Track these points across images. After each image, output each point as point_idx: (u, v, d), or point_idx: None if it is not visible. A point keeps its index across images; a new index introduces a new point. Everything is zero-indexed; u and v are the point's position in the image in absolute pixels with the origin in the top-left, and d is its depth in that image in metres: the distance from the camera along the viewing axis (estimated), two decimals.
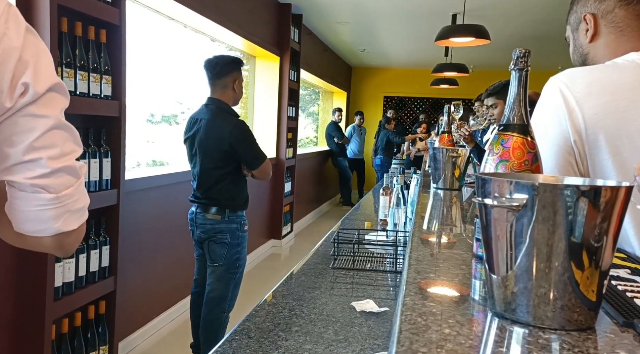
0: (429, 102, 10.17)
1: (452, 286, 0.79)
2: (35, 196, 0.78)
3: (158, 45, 3.90)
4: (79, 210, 0.81)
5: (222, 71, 2.55)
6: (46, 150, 0.78)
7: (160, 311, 3.31)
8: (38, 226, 0.79)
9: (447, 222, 1.47)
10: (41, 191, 0.78)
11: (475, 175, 0.67)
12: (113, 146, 2.39)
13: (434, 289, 0.75)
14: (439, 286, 0.78)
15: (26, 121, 0.78)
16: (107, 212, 2.40)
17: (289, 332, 1.31)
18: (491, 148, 0.93)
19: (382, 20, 5.95)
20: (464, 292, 0.77)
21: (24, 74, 0.74)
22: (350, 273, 1.88)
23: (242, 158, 2.56)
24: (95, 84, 2.22)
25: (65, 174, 0.79)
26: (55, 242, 0.81)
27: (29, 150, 0.78)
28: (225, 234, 2.56)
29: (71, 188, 0.80)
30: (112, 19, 2.31)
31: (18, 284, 2.04)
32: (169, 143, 4.33)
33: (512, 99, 0.90)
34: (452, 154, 2.08)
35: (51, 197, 0.79)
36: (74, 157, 0.81)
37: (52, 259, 2.04)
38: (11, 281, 2.02)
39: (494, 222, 0.64)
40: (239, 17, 4.31)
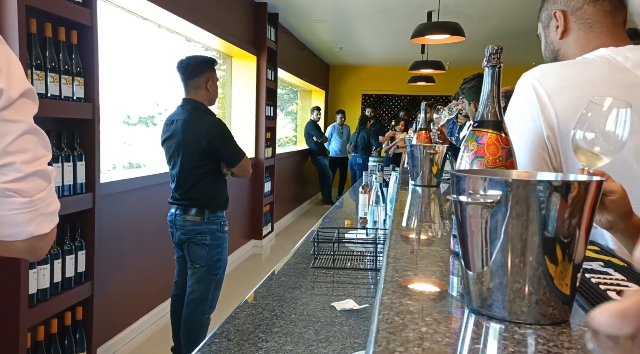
0: (407, 100, 10.24)
1: (429, 283, 0.80)
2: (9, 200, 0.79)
3: (132, 46, 3.84)
4: (50, 213, 0.83)
5: (195, 72, 2.53)
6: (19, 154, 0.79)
7: (140, 314, 3.27)
8: (11, 230, 0.80)
9: (426, 219, 1.48)
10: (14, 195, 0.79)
11: (450, 172, 0.67)
12: (87, 149, 2.34)
13: (412, 287, 0.75)
14: (416, 283, 0.78)
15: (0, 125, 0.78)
16: (83, 216, 2.36)
17: (270, 333, 1.30)
18: (466, 145, 0.94)
19: (359, 19, 5.97)
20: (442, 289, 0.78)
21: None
22: (330, 272, 1.88)
23: (220, 156, 2.55)
24: (67, 86, 2.17)
25: (37, 178, 0.81)
26: (28, 246, 0.81)
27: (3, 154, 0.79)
28: (205, 235, 2.54)
29: (43, 192, 0.82)
30: (83, 20, 2.26)
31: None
32: (146, 145, 4.27)
33: (486, 95, 0.91)
34: (430, 151, 2.09)
35: (25, 201, 0.80)
36: (45, 161, 0.82)
37: (25, 265, 1.99)
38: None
39: (468, 219, 0.64)
40: (214, 17, 4.27)
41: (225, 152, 2.54)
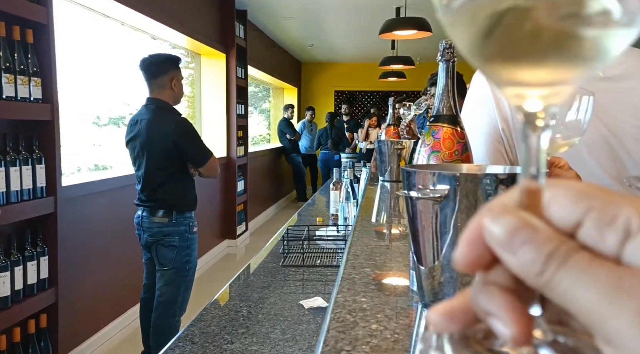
0: (379, 95, 10.29)
1: (386, 279, 0.79)
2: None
3: (97, 45, 3.75)
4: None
5: (158, 70, 2.47)
6: None
7: (109, 320, 3.19)
8: None
9: (392, 215, 1.48)
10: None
11: (402, 168, 0.67)
12: (47, 151, 2.27)
13: (368, 284, 0.75)
14: (373, 280, 0.78)
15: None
16: (44, 221, 2.28)
17: (235, 334, 1.28)
18: (423, 139, 0.94)
19: (329, 15, 5.96)
20: (398, 284, 0.77)
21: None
22: (300, 270, 1.87)
23: (187, 156, 2.51)
24: (23, 87, 2.10)
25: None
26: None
27: None
28: (173, 237, 2.50)
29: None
30: (39, 18, 2.19)
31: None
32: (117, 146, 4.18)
33: (441, 90, 0.91)
34: (397, 146, 2.10)
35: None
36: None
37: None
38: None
39: (419, 214, 0.64)
40: (180, 14, 4.19)
41: (191, 152, 2.50)
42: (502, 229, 0.20)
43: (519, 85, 0.22)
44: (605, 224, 0.19)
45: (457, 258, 0.21)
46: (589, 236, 0.19)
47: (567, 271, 0.18)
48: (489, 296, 0.20)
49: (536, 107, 0.22)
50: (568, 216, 0.19)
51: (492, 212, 0.21)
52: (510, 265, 0.20)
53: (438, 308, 0.22)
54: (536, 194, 0.21)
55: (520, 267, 0.19)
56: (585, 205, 0.19)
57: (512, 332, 0.20)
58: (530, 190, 0.21)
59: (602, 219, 0.19)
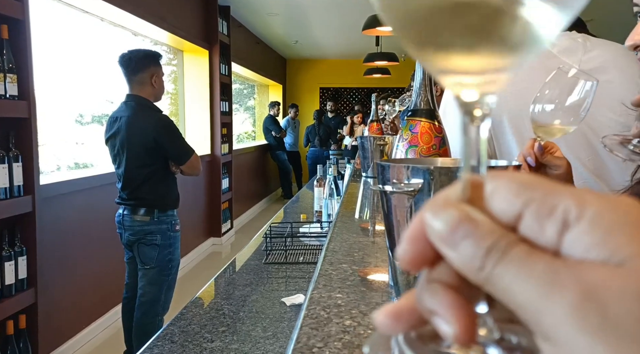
0: (364, 92, 10.31)
1: (364, 275, 0.79)
2: None
3: (77, 42, 3.68)
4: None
5: (138, 67, 2.44)
6: None
7: (90, 320, 3.15)
8: None
9: (372, 211, 1.48)
10: None
11: (377, 162, 0.66)
12: (24, 149, 2.23)
13: (345, 280, 0.74)
14: (350, 275, 0.77)
15: None
16: (22, 220, 2.24)
17: (215, 333, 1.27)
18: (401, 134, 0.93)
19: (312, 11, 5.94)
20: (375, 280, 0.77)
21: None
22: (283, 267, 1.86)
23: (168, 153, 2.48)
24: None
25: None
26: None
27: None
28: (155, 236, 2.47)
29: None
30: (15, 14, 2.14)
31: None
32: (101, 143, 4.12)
33: (418, 84, 0.91)
34: (379, 142, 2.10)
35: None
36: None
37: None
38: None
39: (394, 208, 0.63)
40: (161, 10, 4.14)
41: (173, 149, 2.47)
42: (443, 224, 0.19)
43: (452, 73, 0.21)
44: (544, 216, 0.18)
45: (400, 256, 0.20)
46: (529, 228, 0.18)
47: (506, 265, 0.18)
48: (433, 294, 0.20)
49: (472, 96, 0.22)
50: (509, 208, 0.19)
51: (433, 206, 0.20)
52: (452, 261, 0.19)
53: (384, 309, 0.21)
54: (478, 186, 0.20)
55: (461, 262, 0.19)
56: (526, 197, 0.19)
57: (455, 331, 0.19)
58: (472, 183, 0.20)
59: (541, 211, 0.18)
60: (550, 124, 0.81)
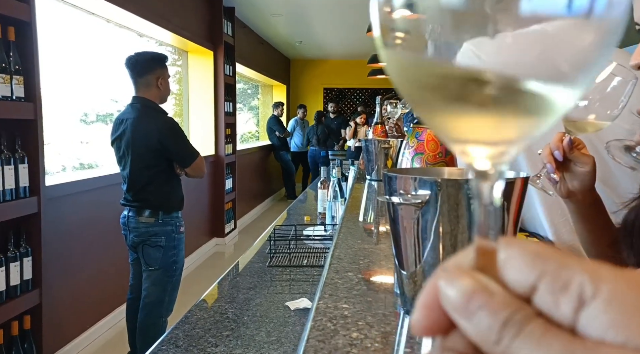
0: (368, 93, 10.30)
1: (370, 284, 0.79)
2: None
3: (82, 43, 3.69)
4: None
5: (144, 69, 2.44)
6: None
7: (94, 321, 3.16)
8: None
9: (377, 216, 1.48)
10: None
11: (383, 172, 0.66)
12: (30, 150, 2.23)
13: (351, 289, 0.74)
14: (356, 284, 0.77)
15: None
16: (27, 221, 2.25)
17: (220, 337, 1.27)
18: (407, 142, 0.93)
19: (316, 12, 5.94)
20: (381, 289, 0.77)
21: None
22: (287, 270, 1.86)
23: (173, 156, 2.49)
24: (4, 86, 2.06)
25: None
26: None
27: None
28: (160, 237, 2.47)
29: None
30: (21, 16, 2.15)
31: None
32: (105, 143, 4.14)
33: None
34: (384, 145, 2.09)
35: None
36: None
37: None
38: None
39: (401, 219, 0.63)
40: (166, 11, 4.15)
41: (177, 151, 2.48)
42: (458, 293, 0.19)
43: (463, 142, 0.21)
44: (559, 291, 0.18)
45: (414, 323, 0.20)
46: (544, 302, 0.18)
47: (523, 341, 0.17)
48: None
49: (484, 166, 0.21)
50: (523, 279, 0.19)
51: (447, 273, 0.20)
52: (467, 331, 0.19)
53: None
54: (491, 254, 0.20)
55: (476, 334, 0.18)
56: (540, 269, 0.18)
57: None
58: (485, 250, 0.20)
59: (555, 285, 0.18)
60: (583, 119, 0.79)
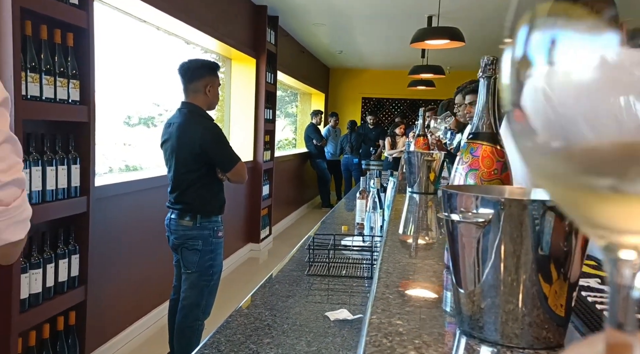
0: (407, 103, 10.23)
1: (421, 300, 0.78)
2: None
3: (131, 48, 3.83)
4: (24, 220, 0.83)
5: (194, 76, 2.50)
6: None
7: (134, 319, 3.24)
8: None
9: (421, 229, 1.46)
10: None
11: (442, 189, 0.65)
12: (82, 152, 2.32)
13: (403, 305, 0.73)
14: (408, 300, 0.76)
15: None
16: (77, 220, 2.33)
17: (261, 344, 1.28)
18: (460, 157, 0.92)
19: (358, 22, 5.96)
20: (434, 307, 0.76)
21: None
22: (325, 280, 1.86)
23: (214, 160, 2.51)
24: (62, 89, 2.15)
25: (13, 186, 0.81)
26: (1, 252, 0.82)
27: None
28: (197, 241, 2.50)
29: (18, 199, 0.83)
30: (79, 22, 2.24)
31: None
32: (147, 146, 4.25)
33: (481, 107, 0.89)
34: (427, 157, 2.07)
35: (1, 209, 0.80)
36: (20, 169, 0.83)
37: (17, 270, 1.97)
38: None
39: (460, 237, 0.62)
40: (213, 20, 4.25)
41: (218, 157, 2.50)
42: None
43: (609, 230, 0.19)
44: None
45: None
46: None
47: None
48: None
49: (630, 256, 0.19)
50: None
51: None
52: None
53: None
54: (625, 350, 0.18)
55: None
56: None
57: None
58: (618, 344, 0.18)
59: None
60: None
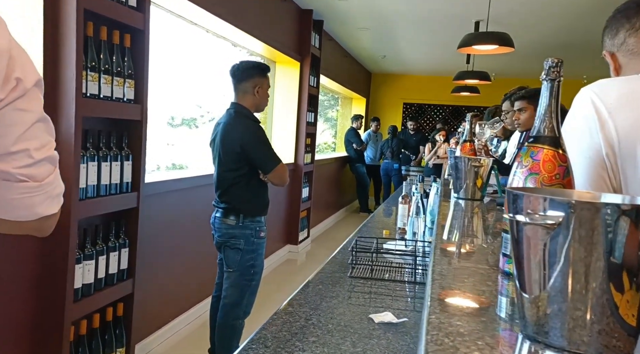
0: (449, 110, 10.08)
1: (479, 303, 0.77)
2: (21, 185, 0.86)
3: (180, 50, 3.94)
4: (57, 195, 0.90)
5: (243, 76, 2.54)
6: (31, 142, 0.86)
7: (176, 314, 3.32)
8: (23, 211, 0.88)
9: (470, 234, 1.44)
10: (26, 180, 0.86)
11: (507, 189, 0.65)
12: (134, 149, 2.41)
13: (460, 306, 0.73)
14: (464, 302, 0.75)
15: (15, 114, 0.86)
16: (127, 214, 2.42)
17: (306, 342, 1.29)
18: (520, 160, 0.90)
19: (403, 27, 5.93)
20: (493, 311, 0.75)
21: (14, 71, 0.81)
22: (368, 283, 1.85)
23: (253, 161, 2.52)
24: (118, 88, 2.24)
25: (47, 163, 0.88)
26: (37, 225, 0.90)
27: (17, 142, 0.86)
28: (239, 240, 2.53)
29: (51, 176, 0.89)
30: (137, 24, 2.33)
31: (39, 284, 2.06)
32: (189, 146, 4.36)
33: (543, 110, 0.87)
34: (475, 163, 2.04)
35: (36, 185, 0.87)
36: (52, 147, 0.89)
37: (72, 260, 2.06)
38: (33, 281, 2.04)
39: (526, 239, 0.61)
40: (260, 23, 4.33)
41: (258, 157, 2.51)
42: None
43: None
44: None
45: None
46: None
47: None
48: None
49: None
50: None
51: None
52: None
53: None
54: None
55: None
56: None
57: None
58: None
59: None
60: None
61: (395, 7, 5.03)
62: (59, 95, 1.96)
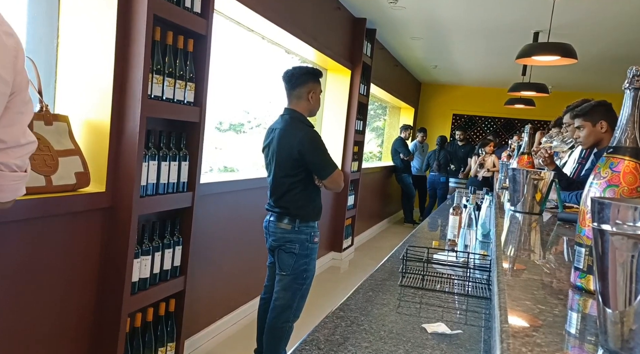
0: (501, 122, 9.83)
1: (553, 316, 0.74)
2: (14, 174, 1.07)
3: (235, 55, 4.04)
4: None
5: (297, 82, 2.57)
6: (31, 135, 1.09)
7: (224, 313, 3.38)
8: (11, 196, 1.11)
9: (531, 248, 1.40)
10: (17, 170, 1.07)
11: (592, 198, 0.63)
12: (191, 150, 2.48)
13: (533, 318, 0.71)
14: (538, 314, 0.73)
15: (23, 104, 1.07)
16: (182, 213, 2.49)
17: (359, 347, 1.28)
18: (597, 172, 0.87)
19: (458, 37, 5.84)
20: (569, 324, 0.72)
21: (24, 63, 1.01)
22: (419, 292, 1.83)
23: (310, 166, 2.53)
24: (180, 91, 2.32)
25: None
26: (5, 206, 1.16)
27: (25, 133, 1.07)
28: (294, 244, 2.54)
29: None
30: (200, 30, 2.41)
31: (100, 277, 2.15)
32: (236, 151, 4.44)
33: (625, 120, 0.84)
34: (534, 176, 1.99)
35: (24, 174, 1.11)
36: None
37: (132, 254, 2.13)
38: (95, 274, 2.13)
39: (612, 251, 0.59)
40: (314, 30, 4.38)
41: (315, 163, 2.53)
42: None
43: None
44: None
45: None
46: None
47: None
48: None
49: None
50: None
51: None
52: None
53: None
54: None
55: None
56: None
57: None
58: None
59: None
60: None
61: (452, 16, 4.96)
62: (126, 96, 2.05)
